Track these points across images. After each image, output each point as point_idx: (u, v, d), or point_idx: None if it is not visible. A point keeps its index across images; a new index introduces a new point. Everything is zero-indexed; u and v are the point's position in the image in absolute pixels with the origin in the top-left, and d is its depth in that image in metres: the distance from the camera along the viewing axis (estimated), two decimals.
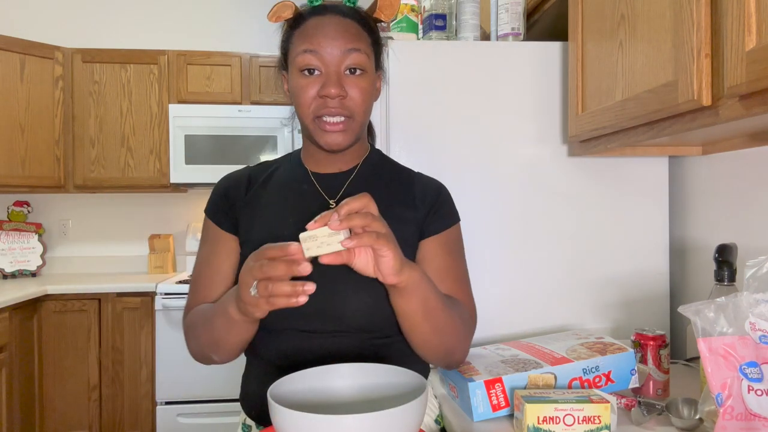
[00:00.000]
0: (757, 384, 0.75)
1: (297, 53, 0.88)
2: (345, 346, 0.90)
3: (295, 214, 0.93)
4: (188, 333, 0.94)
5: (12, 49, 2.92)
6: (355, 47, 0.87)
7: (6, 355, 2.48)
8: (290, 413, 0.62)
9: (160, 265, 3.33)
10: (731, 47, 0.76)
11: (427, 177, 1.02)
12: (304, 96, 0.88)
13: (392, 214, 0.91)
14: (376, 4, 0.92)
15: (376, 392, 0.78)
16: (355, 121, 0.90)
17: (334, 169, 0.98)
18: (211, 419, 2.83)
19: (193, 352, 0.93)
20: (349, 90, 0.87)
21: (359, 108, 0.89)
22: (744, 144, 1.16)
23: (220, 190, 0.99)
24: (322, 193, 0.96)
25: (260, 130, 3.09)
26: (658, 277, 1.40)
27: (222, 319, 0.83)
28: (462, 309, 0.93)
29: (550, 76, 1.38)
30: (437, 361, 0.92)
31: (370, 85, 0.90)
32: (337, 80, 0.86)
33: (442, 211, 0.97)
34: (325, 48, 0.86)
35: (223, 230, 0.96)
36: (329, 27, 0.87)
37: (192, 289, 0.97)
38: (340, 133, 0.88)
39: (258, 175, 1.00)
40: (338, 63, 0.87)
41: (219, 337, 0.85)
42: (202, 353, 0.91)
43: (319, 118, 0.88)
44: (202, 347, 0.90)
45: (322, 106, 0.87)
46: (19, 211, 3.33)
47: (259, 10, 3.58)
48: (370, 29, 0.93)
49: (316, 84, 0.87)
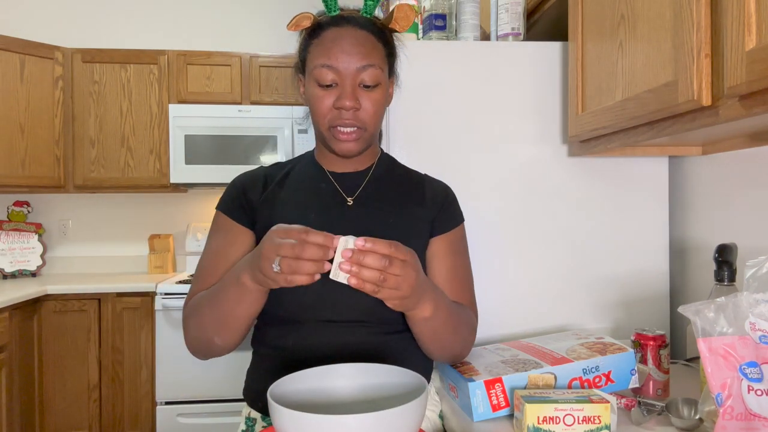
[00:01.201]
0: (757, 384, 0.75)
1: (314, 66, 0.92)
2: (364, 337, 0.93)
3: (315, 210, 0.98)
4: (189, 317, 0.93)
5: (12, 49, 2.92)
6: (369, 63, 0.92)
7: (6, 355, 2.48)
8: (290, 413, 0.62)
9: (160, 265, 3.33)
10: (731, 47, 0.76)
11: (434, 179, 1.09)
12: (320, 106, 0.93)
13: (407, 211, 0.99)
14: (392, 16, 0.96)
15: (377, 392, 0.78)
16: (367, 132, 0.95)
17: (349, 168, 1.03)
18: (211, 419, 2.83)
19: (193, 338, 0.92)
20: (363, 102, 0.93)
21: (371, 119, 0.94)
22: (744, 144, 1.16)
23: (238, 187, 1.01)
24: (340, 190, 1.01)
25: (260, 130, 3.09)
26: (658, 277, 1.40)
27: (233, 289, 0.84)
28: (468, 316, 0.99)
29: (550, 76, 1.38)
30: (441, 361, 1.01)
31: (382, 97, 0.95)
32: (351, 93, 0.91)
33: (450, 211, 1.04)
34: (342, 64, 0.91)
35: (238, 224, 0.98)
36: (346, 41, 0.91)
37: (198, 277, 0.98)
38: (353, 142, 0.94)
39: (274, 175, 1.03)
40: (353, 77, 0.91)
41: (227, 310, 0.86)
42: (203, 337, 0.90)
43: (334, 128, 0.93)
44: (205, 329, 0.89)
45: (337, 117, 0.92)
46: (19, 211, 3.33)
47: (259, 10, 3.58)
48: (385, 41, 0.97)
49: (332, 95, 0.92)
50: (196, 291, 0.98)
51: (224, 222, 0.99)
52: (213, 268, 0.97)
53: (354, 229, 0.95)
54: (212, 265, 0.97)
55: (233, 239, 0.98)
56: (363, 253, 0.73)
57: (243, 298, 0.84)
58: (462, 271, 1.03)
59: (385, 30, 0.97)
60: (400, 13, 0.96)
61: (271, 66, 3.23)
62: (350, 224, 0.96)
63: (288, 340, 0.94)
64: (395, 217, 0.98)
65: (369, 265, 0.73)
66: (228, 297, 0.85)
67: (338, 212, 0.98)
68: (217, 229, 1.00)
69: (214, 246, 0.98)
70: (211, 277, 0.96)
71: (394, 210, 0.99)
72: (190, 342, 0.94)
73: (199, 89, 3.18)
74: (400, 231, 0.97)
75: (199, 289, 0.97)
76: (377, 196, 1.01)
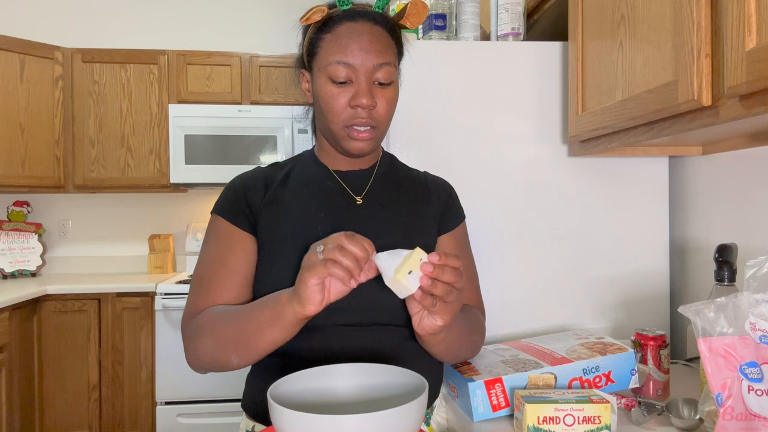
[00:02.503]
0: (757, 384, 0.75)
1: (328, 62, 0.89)
2: (379, 341, 0.91)
3: (324, 210, 0.95)
4: (202, 335, 0.86)
5: (12, 49, 2.92)
6: (386, 61, 0.89)
7: (6, 355, 2.48)
8: (290, 413, 0.62)
9: (160, 265, 3.33)
10: (731, 47, 0.76)
11: (435, 176, 1.08)
12: (335, 104, 0.90)
13: (416, 209, 0.98)
14: (405, 12, 0.94)
15: (376, 392, 0.78)
16: (380, 130, 0.93)
17: (354, 167, 1.01)
18: (211, 419, 2.83)
19: (205, 355, 0.85)
20: (378, 101, 0.90)
21: (385, 118, 0.92)
22: (744, 144, 1.16)
23: (237, 190, 0.96)
24: (348, 189, 0.98)
25: (260, 130, 3.09)
26: (658, 277, 1.40)
27: (268, 311, 0.80)
28: (478, 319, 0.98)
29: (550, 76, 1.38)
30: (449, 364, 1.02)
31: (395, 95, 0.93)
32: (368, 91, 0.89)
33: (454, 208, 1.04)
34: (358, 60, 0.88)
35: (240, 229, 0.93)
36: (363, 37, 0.89)
37: (199, 290, 0.91)
38: (367, 142, 0.91)
39: (274, 175, 0.99)
40: (370, 74, 0.89)
41: (255, 331, 0.80)
42: (220, 357, 0.84)
43: (349, 127, 0.90)
44: (224, 348, 0.83)
45: (353, 116, 0.89)
46: (19, 211, 3.33)
47: (259, 10, 3.58)
48: (397, 38, 0.95)
49: (347, 93, 0.89)
50: (200, 305, 0.90)
51: (224, 227, 0.93)
52: (219, 279, 0.90)
53: (367, 227, 0.93)
54: (213, 275, 0.91)
55: (237, 248, 0.92)
56: (442, 268, 0.72)
57: (275, 324, 0.79)
58: (468, 268, 1.02)
59: (397, 27, 0.95)
60: (414, 9, 0.93)
61: (271, 66, 3.23)
62: (363, 223, 0.94)
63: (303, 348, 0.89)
64: (406, 215, 0.97)
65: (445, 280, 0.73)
66: (260, 319, 0.80)
67: (349, 211, 0.95)
68: (217, 236, 0.93)
69: (214, 254, 0.92)
70: (218, 289, 0.90)
71: (404, 208, 0.98)
72: (199, 359, 0.87)
73: (199, 89, 3.18)
74: (412, 229, 0.96)
75: (204, 303, 0.90)
76: (385, 195, 0.99)
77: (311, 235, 0.91)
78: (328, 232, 0.89)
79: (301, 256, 0.83)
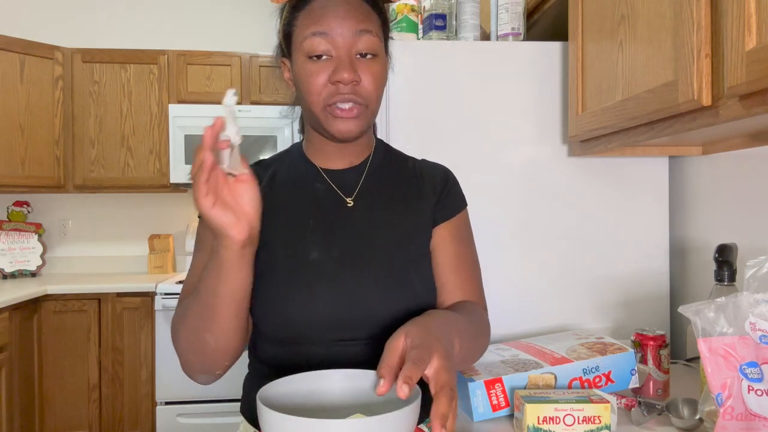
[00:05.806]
0: (757, 384, 0.75)
1: (304, 37, 0.82)
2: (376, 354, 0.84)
3: (313, 214, 0.89)
4: (178, 330, 0.81)
5: (12, 49, 2.92)
6: (366, 28, 0.81)
7: (6, 355, 2.48)
8: (280, 417, 0.59)
9: (160, 265, 3.33)
10: (731, 47, 0.76)
11: (432, 163, 1.00)
12: (313, 83, 0.82)
13: (409, 208, 0.92)
14: None
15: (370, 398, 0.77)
16: (369, 109, 0.84)
17: (344, 164, 0.93)
18: (211, 419, 2.83)
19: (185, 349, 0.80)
20: (362, 75, 0.81)
21: (372, 94, 0.83)
22: (744, 144, 1.16)
23: None
24: (337, 191, 0.92)
25: (260, 130, 3.09)
26: (658, 277, 1.40)
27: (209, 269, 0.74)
28: (482, 321, 0.90)
29: (550, 76, 1.38)
30: None
31: (383, 70, 0.85)
32: (349, 64, 0.80)
33: (451, 197, 0.96)
34: (335, 29, 0.80)
35: None
36: (338, 6, 0.81)
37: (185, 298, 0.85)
38: (353, 120, 0.83)
39: (260, 176, 0.92)
40: (350, 45, 0.81)
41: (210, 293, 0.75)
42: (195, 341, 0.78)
43: (330, 106, 0.82)
44: (195, 328, 0.78)
45: (334, 92, 0.81)
46: (19, 211, 3.33)
47: (259, 10, 3.58)
48: (379, 9, 0.87)
49: (327, 69, 0.81)
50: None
51: (209, 235, 0.85)
52: None
53: (358, 232, 0.89)
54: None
55: None
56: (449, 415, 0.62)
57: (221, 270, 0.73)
58: (468, 259, 0.95)
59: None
60: None
61: (271, 66, 3.23)
62: (352, 228, 0.89)
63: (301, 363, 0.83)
64: (398, 217, 0.92)
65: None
66: (208, 280, 0.75)
67: (338, 215, 0.90)
68: (203, 245, 0.87)
69: (199, 264, 0.86)
70: None
71: (396, 208, 0.92)
72: (184, 356, 0.81)
73: (199, 89, 3.18)
74: (404, 232, 0.91)
75: None
76: (376, 194, 0.93)
77: (302, 242, 0.87)
78: (317, 238, 0.86)
79: (290, 264, 0.81)
